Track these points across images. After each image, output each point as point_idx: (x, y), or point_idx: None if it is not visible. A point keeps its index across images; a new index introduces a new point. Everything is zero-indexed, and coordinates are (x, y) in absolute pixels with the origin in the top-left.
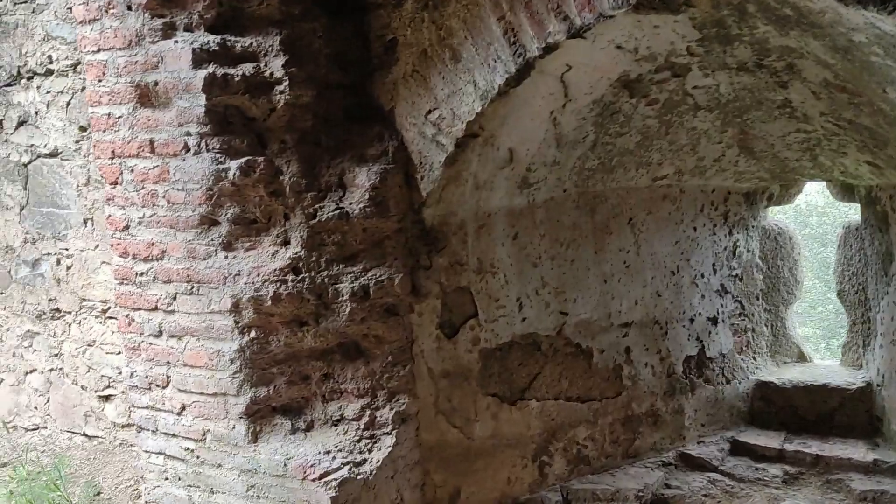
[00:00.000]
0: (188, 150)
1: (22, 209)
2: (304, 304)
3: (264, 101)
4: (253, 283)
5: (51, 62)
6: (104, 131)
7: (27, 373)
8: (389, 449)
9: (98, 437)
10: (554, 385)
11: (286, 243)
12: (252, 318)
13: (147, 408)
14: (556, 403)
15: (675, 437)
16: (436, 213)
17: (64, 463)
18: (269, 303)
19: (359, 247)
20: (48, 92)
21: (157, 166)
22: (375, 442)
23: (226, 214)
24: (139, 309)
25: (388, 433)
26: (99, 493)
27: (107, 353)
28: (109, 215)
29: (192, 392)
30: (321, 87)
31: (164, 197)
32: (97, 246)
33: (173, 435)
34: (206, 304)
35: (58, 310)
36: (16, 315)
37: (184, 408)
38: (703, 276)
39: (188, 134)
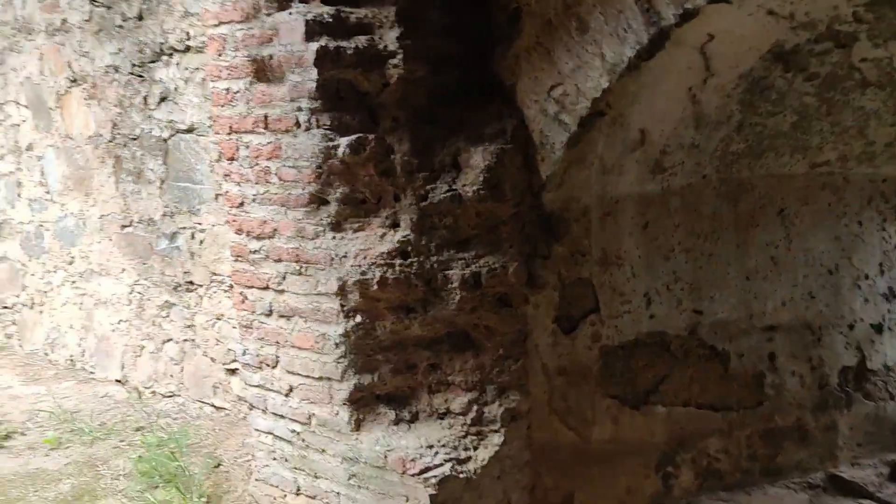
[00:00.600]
0: (299, 126)
1: (162, 183)
2: (412, 290)
3: (377, 75)
4: (359, 265)
5: (188, 38)
6: (223, 106)
7: (164, 341)
8: (497, 448)
9: (225, 408)
10: (683, 390)
11: (395, 226)
12: (358, 303)
13: (258, 386)
14: (686, 410)
15: (824, 456)
16: (556, 198)
17: (188, 433)
18: (376, 287)
19: (471, 232)
20: (186, 68)
21: (270, 143)
22: (482, 439)
23: (335, 194)
24: (252, 287)
25: (497, 431)
26: (219, 465)
27: (232, 327)
28: (227, 191)
29: (299, 374)
30: (437, 60)
31: (276, 174)
32: (227, 221)
33: (281, 416)
34: (314, 286)
35: (191, 282)
36: (156, 285)
37: (291, 389)
38: (867, 277)
39: (299, 109)
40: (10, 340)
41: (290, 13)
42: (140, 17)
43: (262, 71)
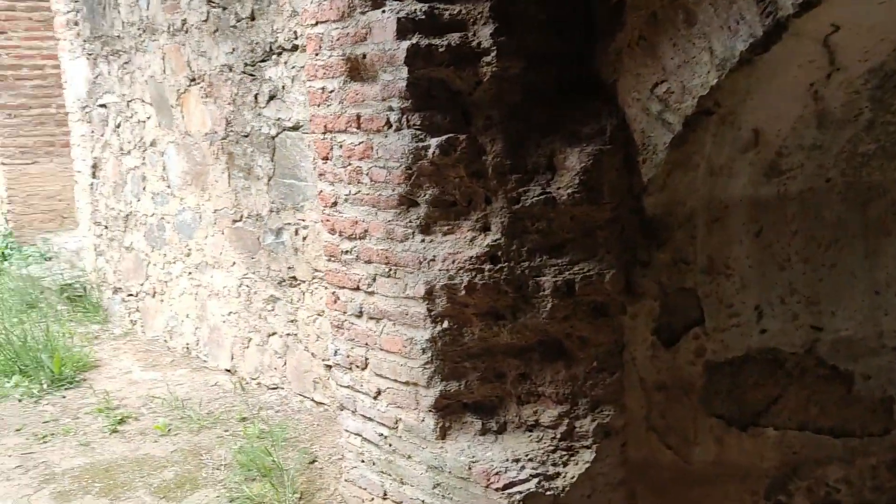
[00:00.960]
0: (390, 125)
1: (269, 180)
2: (501, 296)
3: (470, 73)
4: (447, 270)
5: (296, 37)
6: (318, 105)
7: (269, 335)
8: (588, 464)
9: (324, 404)
10: (799, 412)
11: (485, 229)
12: (445, 308)
13: (348, 387)
14: (801, 434)
15: None
16: (658, 202)
17: (287, 427)
18: (463, 292)
19: (565, 236)
20: (293, 67)
21: (362, 142)
22: (572, 455)
23: (424, 195)
24: (343, 287)
25: (588, 447)
26: (314, 461)
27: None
28: (321, 190)
29: (387, 378)
30: (533, 57)
31: (367, 174)
32: (321, 220)
33: (370, 419)
34: (402, 289)
35: (294, 278)
36: (262, 280)
37: (379, 392)
38: None
39: (390, 109)
40: (134, 327)
41: (384, 11)
42: (252, 17)
43: (356, 70)
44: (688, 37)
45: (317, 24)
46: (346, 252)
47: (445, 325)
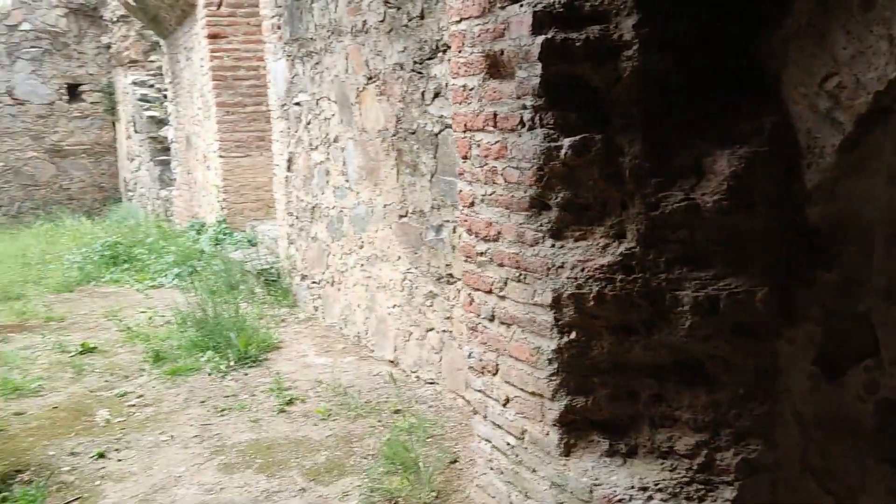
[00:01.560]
0: (523, 124)
1: (432, 176)
2: (634, 309)
3: (609, 68)
4: (576, 278)
5: None
6: (460, 104)
7: (427, 330)
8: (728, 503)
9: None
10: None
11: (620, 236)
12: (573, 318)
13: (480, 391)
14: None
15: None
16: (825, 213)
17: (436, 423)
18: (592, 303)
19: (710, 248)
20: None
21: (498, 142)
22: (710, 490)
23: (556, 198)
24: (478, 289)
25: (730, 483)
26: (455, 461)
27: None
28: (461, 190)
29: (515, 386)
30: (680, 50)
31: (501, 175)
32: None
33: (499, 426)
34: (531, 295)
35: (451, 275)
36: (423, 275)
37: (508, 400)
38: None
39: (524, 107)
40: (316, 312)
41: (521, 5)
42: (422, 16)
43: (495, 67)
44: (864, 23)
45: (460, 20)
46: (481, 254)
47: (573, 335)
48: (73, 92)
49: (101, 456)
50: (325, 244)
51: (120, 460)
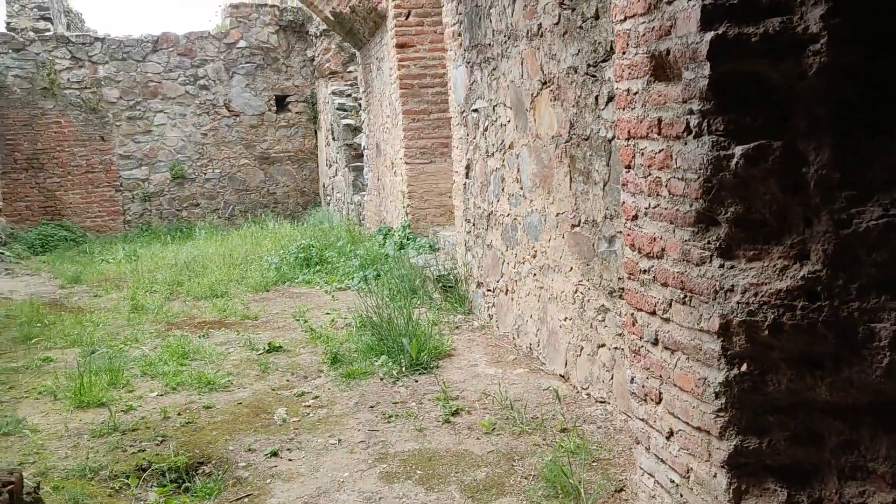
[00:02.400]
0: (689, 131)
1: (605, 185)
2: (819, 341)
3: (790, 64)
4: (748, 303)
5: None
6: (623, 109)
7: (598, 346)
8: None
9: None
10: None
11: (802, 257)
12: (744, 347)
13: (643, 420)
14: None
15: None
16: None
17: (601, 447)
18: (767, 332)
19: None
20: None
21: (662, 150)
22: None
23: (725, 213)
24: (641, 310)
25: None
26: (621, 490)
27: None
28: (623, 201)
29: (679, 418)
30: (874, 42)
31: (666, 186)
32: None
33: (662, 460)
34: (697, 320)
35: (623, 289)
36: (595, 288)
37: (671, 433)
38: None
39: (690, 112)
40: (490, 321)
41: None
42: (596, 17)
43: (661, 68)
44: None
45: (625, 19)
46: (644, 271)
47: (744, 368)
48: (281, 103)
49: (275, 454)
50: (500, 252)
51: (290, 460)
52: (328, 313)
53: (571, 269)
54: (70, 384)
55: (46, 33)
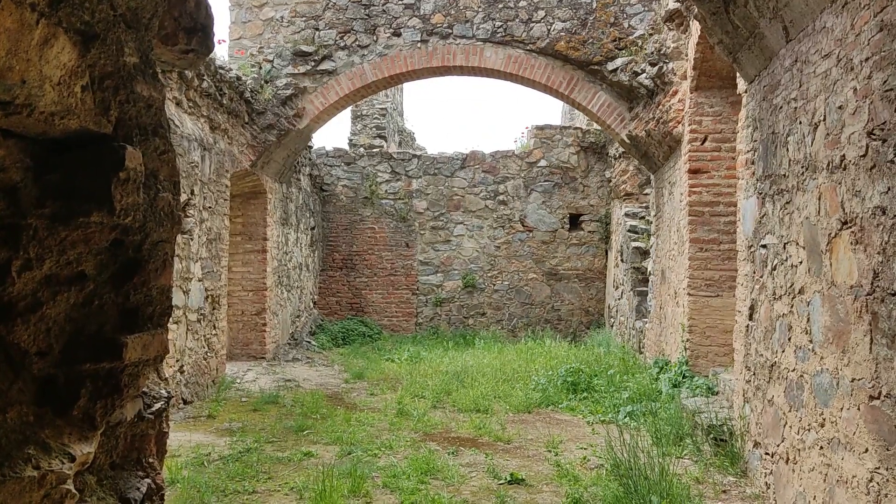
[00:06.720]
0: None
1: None
2: None
3: None
4: None
5: None
6: None
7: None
8: None
9: None
10: None
11: None
12: None
13: None
14: None
15: None
16: None
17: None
18: None
19: None
20: None
21: None
22: None
23: None
24: None
25: None
26: None
27: None
28: None
29: None
30: None
31: None
32: None
33: None
34: None
35: None
36: (895, 481)
37: None
38: None
39: None
40: (767, 490)
41: None
42: None
43: None
44: None
45: None
46: None
47: None
48: (574, 221)
49: None
50: (782, 411)
51: None
52: (583, 448)
53: (867, 450)
54: (315, 487)
55: (374, 150)
